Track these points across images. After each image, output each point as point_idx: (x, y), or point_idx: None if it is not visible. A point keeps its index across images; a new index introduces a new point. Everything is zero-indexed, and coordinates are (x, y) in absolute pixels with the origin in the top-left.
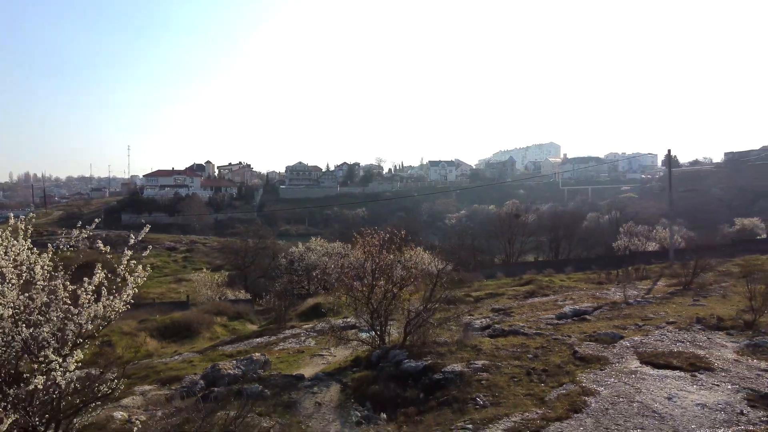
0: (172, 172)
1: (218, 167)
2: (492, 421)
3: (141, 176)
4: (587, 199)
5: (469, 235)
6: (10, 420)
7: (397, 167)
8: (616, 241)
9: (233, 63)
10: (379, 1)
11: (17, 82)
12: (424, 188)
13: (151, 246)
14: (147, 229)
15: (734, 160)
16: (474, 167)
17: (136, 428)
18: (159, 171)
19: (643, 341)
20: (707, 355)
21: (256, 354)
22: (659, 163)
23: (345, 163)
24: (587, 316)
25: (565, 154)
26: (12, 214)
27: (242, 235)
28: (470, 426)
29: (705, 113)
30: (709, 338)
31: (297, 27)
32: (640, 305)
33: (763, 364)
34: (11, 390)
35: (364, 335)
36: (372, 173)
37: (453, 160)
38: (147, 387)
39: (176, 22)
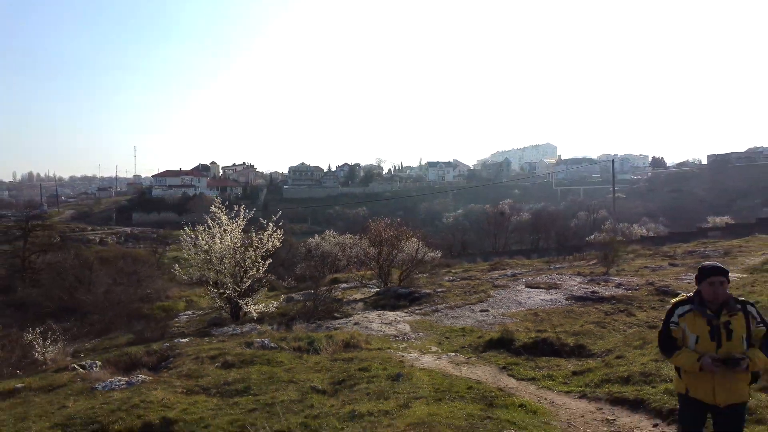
0: (179, 173)
1: (223, 167)
2: (440, 304)
3: (143, 176)
4: (578, 198)
5: (459, 231)
6: (247, 283)
7: (397, 168)
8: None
9: (235, 65)
10: (378, 3)
11: (20, 83)
12: (423, 188)
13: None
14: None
15: (716, 161)
16: (472, 168)
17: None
18: (167, 171)
19: (533, 278)
20: (561, 283)
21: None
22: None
23: (346, 163)
24: (518, 276)
25: (559, 155)
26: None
27: None
28: (428, 305)
29: (697, 115)
30: (570, 277)
31: (299, 30)
32: (555, 270)
33: (587, 286)
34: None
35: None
36: (372, 174)
37: (451, 160)
38: None
39: (178, 26)
